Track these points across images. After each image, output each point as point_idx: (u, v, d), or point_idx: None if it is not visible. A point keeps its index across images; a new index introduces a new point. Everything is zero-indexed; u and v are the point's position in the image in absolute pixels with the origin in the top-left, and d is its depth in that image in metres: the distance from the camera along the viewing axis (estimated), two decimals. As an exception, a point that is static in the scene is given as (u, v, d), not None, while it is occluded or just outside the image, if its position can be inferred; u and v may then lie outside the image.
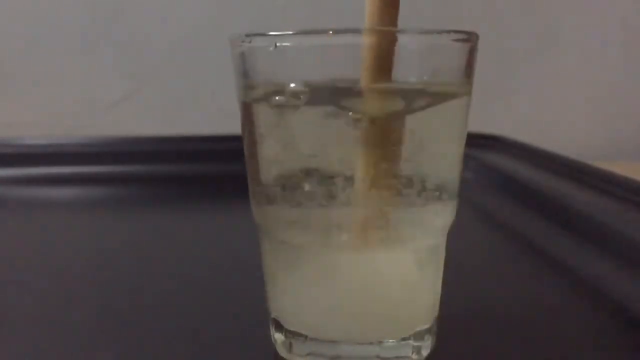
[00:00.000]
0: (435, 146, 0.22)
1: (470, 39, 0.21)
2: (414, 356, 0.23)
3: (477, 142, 0.56)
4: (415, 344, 0.23)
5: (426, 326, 0.23)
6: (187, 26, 0.67)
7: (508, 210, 0.45)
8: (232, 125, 0.36)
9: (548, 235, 0.38)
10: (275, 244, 0.23)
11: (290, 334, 0.23)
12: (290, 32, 0.20)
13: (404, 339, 0.23)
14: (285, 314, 0.24)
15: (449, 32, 0.21)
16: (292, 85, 0.21)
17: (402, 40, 0.21)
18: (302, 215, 0.22)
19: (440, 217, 0.23)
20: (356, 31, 0.20)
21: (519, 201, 0.45)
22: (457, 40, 0.21)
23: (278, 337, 0.24)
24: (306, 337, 0.23)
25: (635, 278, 0.30)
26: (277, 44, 0.21)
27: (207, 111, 0.67)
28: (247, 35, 0.21)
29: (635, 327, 0.27)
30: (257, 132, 0.22)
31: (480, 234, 0.42)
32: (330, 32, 0.20)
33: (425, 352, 0.24)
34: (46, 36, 0.65)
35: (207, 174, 0.55)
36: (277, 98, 0.21)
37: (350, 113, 0.20)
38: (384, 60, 0.20)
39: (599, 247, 0.34)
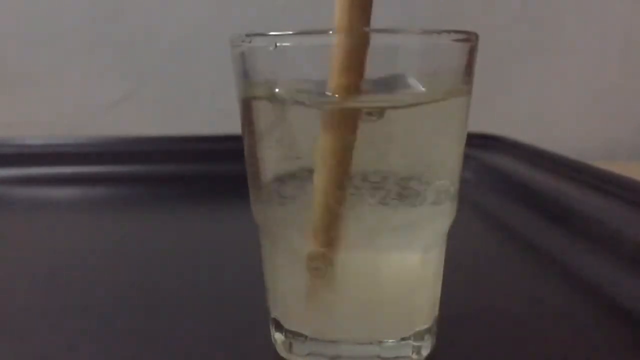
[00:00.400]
0: (435, 146, 0.22)
1: (470, 39, 0.21)
2: (414, 356, 0.23)
3: (477, 142, 0.56)
4: (415, 344, 0.23)
5: (426, 326, 0.23)
6: (187, 26, 0.67)
7: (508, 210, 0.45)
8: (232, 125, 0.36)
9: (548, 235, 0.38)
10: (275, 244, 0.23)
11: (290, 334, 0.23)
12: (290, 32, 0.20)
13: (403, 339, 0.23)
14: (287, 315, 0.24)
15: (449, 32, 0.21)
16: (292, 85, 0.21)
17: (402, 40, 0.21)
18: (301, 215, 0.22)
19: (440, 217, 0.23)
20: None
21: (519, 201, 0.45)
22: (457, 40, 0.21)
23: (278, 337, 0.24)
24: (306, 337, 0.23)
25: (635, 278, 0.30)
26: (277, 44, 0.21)
27: (207, 111, 0.67)
28: (247, 35, 0.21)
29: (635, 327, 0.27)
30: (257, 132, 0.22)
31: (480, 234, 0.42)
32: (330, 32, 0.20)
33: (425, 352, 0.24)
34: (46, 36, 0.65)
35: (207, 174, 0.55)
36: (277, 98, 0.21)
37: (350, 113, 0.20)
38: (354, 60, 0.20)
39: (599, 246, 0.34)
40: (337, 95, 0.20)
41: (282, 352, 0.24)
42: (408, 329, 0.23)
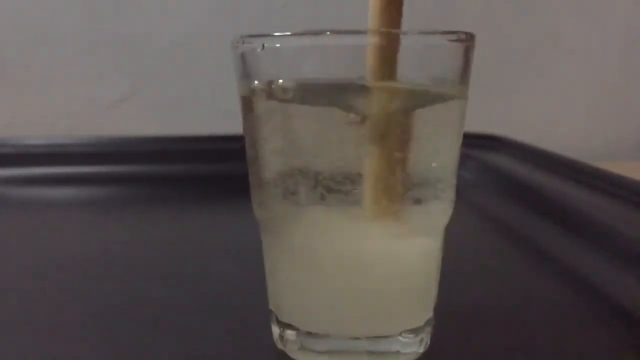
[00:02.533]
0: (432, 145, 0.22)
1: (466, 40, 0.21)
2: (406, 351, 0.23)
3: (477, 142, 0.56)
4: (409, 340, 0.23)
5: (421, 323, 0.24)
6: (187, 26, 0.67)
7: (508, 210, 0.45)
8: (232, 125, 0.36)
9: (548, 235, 0.38)
10: (275, 239, 0.24)
11: (283, 326, 0.24)
12: (291, 33, 0.20)
13: (397, 335, 0.23)
14: (281, 307, 0.24)
15: (445, 32, 0.21)
16: (293, 85, 0.21)
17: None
18: (300, 212, 0.22)
19: (436, 215, 0.23)
20: (355, 32, 0.20)
21: (519, 201, 0.45)
22: (453, 40, 0.21)
23: (274, 329, 0.25)
24: (299, 330, 0.23)
25: (635, 277, 0.30)
26: (278, 45, 0.21)
27: (207, 111, 0.67)
28: (248, 36, 0.21)
29: (634, 327, 0.27)
30: (259, 132, 0.22)
31: (480, 234, 0.42)
32: (329, 32, 0.20)
33: (419, 350, 0.24)
34: (46, 36, 0.65)
35: (207, 174, 0.55)
36: (277, 98, 0.21)
37: (350, 113, 0.20)
38: (387, 61, 0.20)
39: (599, 246, 0.34)
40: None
41: (278, 344, 0.24)
42: (401, 325, 0.23)
